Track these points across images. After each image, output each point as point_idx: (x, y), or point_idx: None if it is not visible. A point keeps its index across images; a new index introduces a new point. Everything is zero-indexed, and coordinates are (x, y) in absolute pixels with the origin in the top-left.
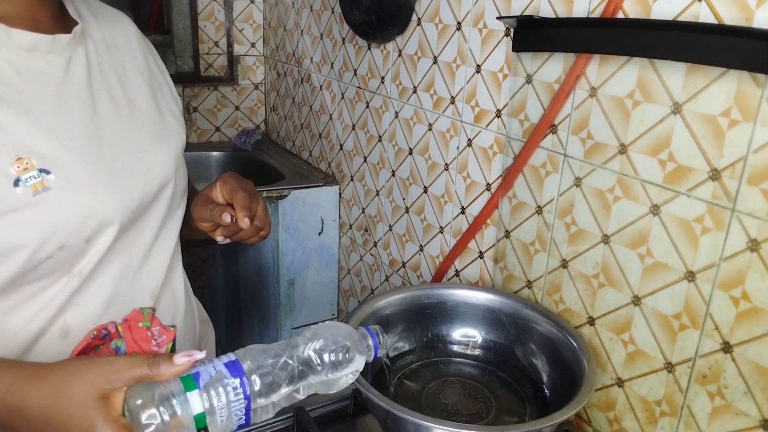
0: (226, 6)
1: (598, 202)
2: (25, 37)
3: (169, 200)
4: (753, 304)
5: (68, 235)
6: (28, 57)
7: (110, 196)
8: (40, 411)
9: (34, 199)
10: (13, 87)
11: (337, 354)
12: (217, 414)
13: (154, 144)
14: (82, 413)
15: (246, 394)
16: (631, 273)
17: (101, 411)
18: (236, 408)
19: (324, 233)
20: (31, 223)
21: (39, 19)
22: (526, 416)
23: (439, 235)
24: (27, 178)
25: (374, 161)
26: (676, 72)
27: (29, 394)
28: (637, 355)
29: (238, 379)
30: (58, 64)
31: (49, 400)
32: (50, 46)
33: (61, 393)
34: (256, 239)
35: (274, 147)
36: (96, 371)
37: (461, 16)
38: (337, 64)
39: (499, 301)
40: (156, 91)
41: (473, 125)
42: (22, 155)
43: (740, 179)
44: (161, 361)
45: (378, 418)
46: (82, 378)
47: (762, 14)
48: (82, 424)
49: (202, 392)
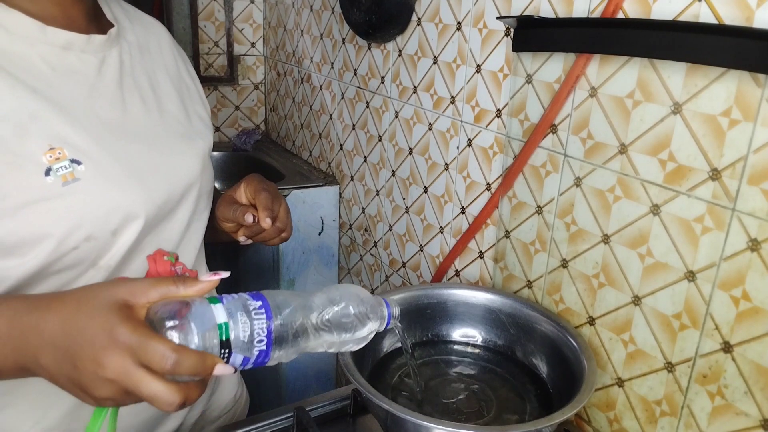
0: (226, 6)
1: (598, 202)
2: (61, 36)
3: (195, 200)
4: (753, 304)
5: (95, 227)
6: (63, 55)
7: (137, 191)
8: (59, 323)
9: (63, 189)
10: (47, 82)
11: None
12: (240, 327)
13: (181, 144)
14: (103, 317)
15: (269, 315)
16: (631, 273)
17: (123, 314)
18: (258, 327)
19: (324, 233)
20: (59, 213)
21: (73, 18)
22: (526, 414)
23: (439, 235)
24: (58, 168)
25: (374, 161)
26: (676, 72)
27: (49, 311)
28: (637, 354)
29: (260, 302)
30: (91, 63)
31: (69, 310)
32: (85, 45)
33: (81, 304)
34: (278, 241)
35: (274, 147)
36: (120, 286)
37: (461, 16)
38: (337, 64)
39: (499, 301)
40: (184, 95)
41: (473, 125)
42: (54, 145)
43: (740, 179)
44: (186, 279)
45: (378, 418)
46: (106, 290)
47: (762, 14)
48: (103, 326)
49: (225, 306)
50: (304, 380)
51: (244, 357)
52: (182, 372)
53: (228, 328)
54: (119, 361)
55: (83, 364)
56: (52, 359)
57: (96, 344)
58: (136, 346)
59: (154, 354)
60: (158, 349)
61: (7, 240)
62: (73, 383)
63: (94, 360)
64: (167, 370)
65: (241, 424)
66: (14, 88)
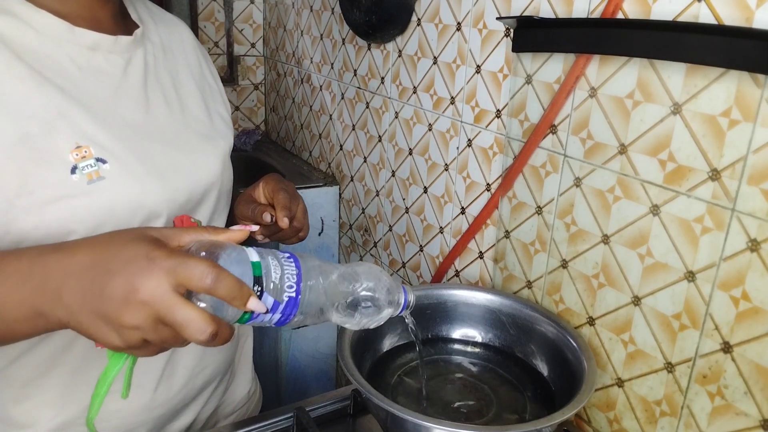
0: (226, 6)
1: (598, 202)
2: (89, 36)
3: (216, 199)
4: (753, 304)
5: (117, 225)
6: (90, 55)
7: (159, 190)
8: (88, 255)
9: (89, 188)
10: (74, 81)
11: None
12: (271, 269)
13: (203, 144)
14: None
15: (297, 265)
16: (631, 273)
17: (158, 243)
18: (289, 272)
19: (324, 233)
20: (83, 211)
21: (101, 20)
22: (527, 413)
23: (439, 236)
24: (84, 166)
25: (374, 161)
26: (676, 72)
27: (78, 247)
28: (637, 355)
29: (289, 254)
30: (117, 63)
31: (100, 243)
32: (111, 46)
33: (114, 237)
34: (295, 240)
35: (274, 147)
36: (152, 229)
37: (461, 17)
38: (337, 65)
39: (499, 302)
40: (207, 95)
41: (473, 125)
42: (81, 143)
43: (740, 179)
44: (216, 228)
45: (378, 418)
46: (138, 230)
47: (762, 14)
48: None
49: (256, 250)
50: (304, 380)
51: (274, 301)
52: (220, 291)
53: (260, 266)
54: (155, 282)
55: (113, 290)
56: (76, 290)
57: (131, 267)
58: (175, 265)
59: (194, 270)
60: (198, 266)
61: (32, 234)
62: (97, 314)
63: (128, 283)
64: (207, 285)
65: (241, 424)
66: (43, 87)
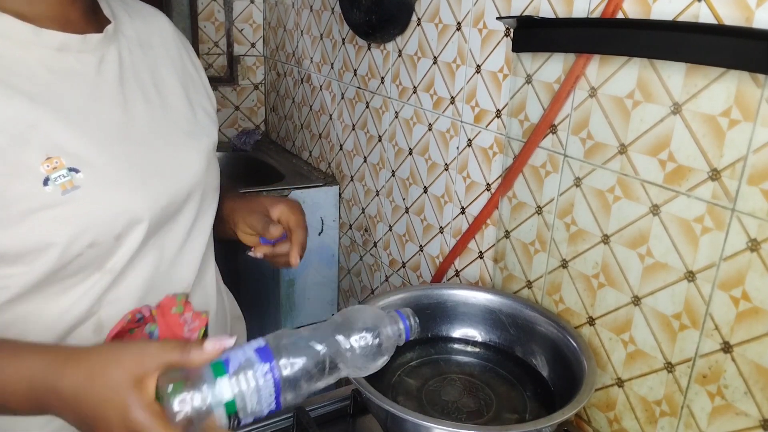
0: (226, 6)
1: (598, 202)
2: (56, 37)
3: (200, 199)
4: (753, 304)
5: (98, 233)
6: (60, 57)
7: (139, 194)
8: (73, 393)
9: (63, 198)
10: (45, 86)
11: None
12: (247, 399)
13: (187, 141)
14: (117, 398)
15: (275, 379)
16: (631, 273)
17: (136, 396)
18: (266, 393)
19: (324, 233)
20: (60, 222)
21: (71, 19)
22: (527, 413)
23: (439, 235)
24: (56, 177)
25: (374, 161)
26: (676, 72)
27: (63, 377)
28: (637, 355)
29: (268, 365)
30: (89, 62)
31: (83, 382)
32: (81, 45)
33: (95, 377)
34: (283, 266)
35: (274, 147)
36: (129, 356)
37: (461, 17)
38: (337, 65)
39: (499, 302)
40: (189, 89)
41: (473, 125)
42: (51, 154)
43: (740, 179)
44: (192, 348)
45: (378, 418)
46: (117, 362)
47: (762, 14)
48: (117, 408)
49: (231, 377)
50: None
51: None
52: None
53: (234, 404)
54: None
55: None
56: (72, 420)
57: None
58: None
59: None
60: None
61: (12, 249)
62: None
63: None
64: None
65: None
66: (11, 98)
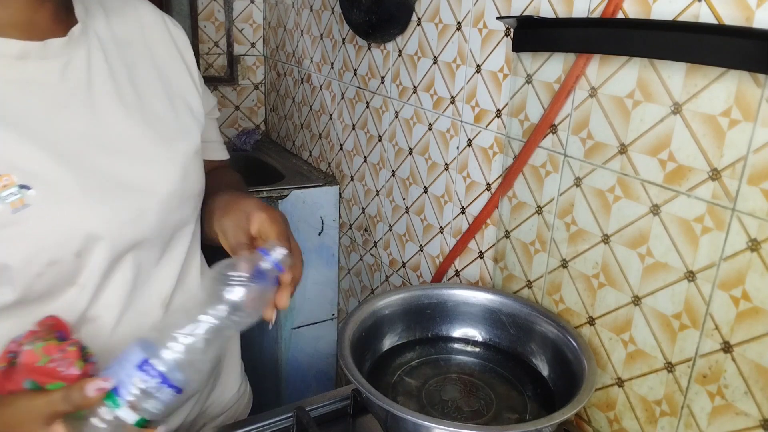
0: (226, 6)
1: (598, 202)
2: (13, 46)
3: (178, 208)
4: (753, 304)
5: (54, 251)
6: (19, 66)
7: (98, 210)
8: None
9: (14, 217)
10: (1, 99)
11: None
12: (150, 408)
13: (161, 150)
14: None
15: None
16: (631, 273)
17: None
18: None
19: (324, 233)
20: (12, 242)
21: (37, 23)
22: (527, 413)
23: (439, 235)
24: (6, 196)
25: (374, 161)
26: (676, 72)
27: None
28: (637, 355)
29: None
30: (51, 69)
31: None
32: (41, 52)
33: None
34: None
35: (274, 147)
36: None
37: (461, 16)
38: (337, 64)
39: (499, 301)
40: (173, 86)
41: (473, 125)
42: (1, 172)
43: (740, 179)
44: (75, 396)
45: (378, 418)
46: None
47: (762, 14)
48: None
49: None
50: (304, 380)
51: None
52: None
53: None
54: None
55: None
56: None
57: None
58: None
59: None
60: None
61: None
62: None
63: None
64: None
65: (240, 424)
66: None
